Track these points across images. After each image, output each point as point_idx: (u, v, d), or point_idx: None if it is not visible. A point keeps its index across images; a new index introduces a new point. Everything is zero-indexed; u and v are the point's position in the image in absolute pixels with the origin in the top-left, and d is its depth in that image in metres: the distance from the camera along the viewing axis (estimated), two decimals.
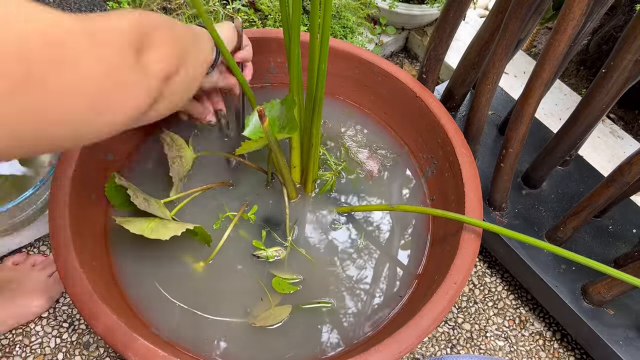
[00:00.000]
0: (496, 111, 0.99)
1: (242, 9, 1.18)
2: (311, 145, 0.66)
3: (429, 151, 0.76)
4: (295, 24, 0.57)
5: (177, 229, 0.59)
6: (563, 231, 0.78)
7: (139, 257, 0.65)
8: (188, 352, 0.59)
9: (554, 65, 0.61)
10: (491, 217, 0.84)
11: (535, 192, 0.88)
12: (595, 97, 0.66)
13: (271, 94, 0.84)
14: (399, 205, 0.73)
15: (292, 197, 0.73)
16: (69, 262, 0.54)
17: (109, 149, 0.69)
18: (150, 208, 0.61)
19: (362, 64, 0.78)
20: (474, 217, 0.63)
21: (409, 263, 0.70)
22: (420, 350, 0.84)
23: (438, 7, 1.15)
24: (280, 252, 0.67)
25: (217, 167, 0.75)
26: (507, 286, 0.92)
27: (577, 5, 0.55)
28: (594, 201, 0.71)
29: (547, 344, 0.86)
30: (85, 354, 0.78)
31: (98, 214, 0.67)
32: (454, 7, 0.75)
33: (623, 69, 0.60)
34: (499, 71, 0.73)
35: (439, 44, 0.81)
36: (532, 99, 0.66)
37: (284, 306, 0.63)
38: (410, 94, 0.75)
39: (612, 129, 1.08)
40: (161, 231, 0.59)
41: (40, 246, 0.87)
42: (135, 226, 0.59)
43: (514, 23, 0.67)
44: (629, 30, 0.57)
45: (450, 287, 0.57)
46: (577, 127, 0.72)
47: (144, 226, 0.59)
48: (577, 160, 0.92)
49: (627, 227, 0.85)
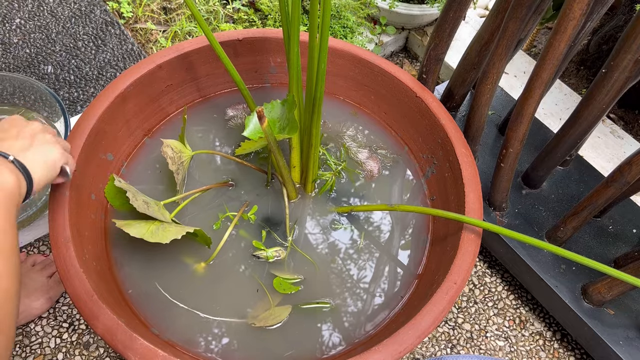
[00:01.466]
0: (496, 111, 0.99)
1: (242, 9, 1.18)
2: (311, 145, 0.66)
3: (429, 151, 0.76)
4: (295, 23, 0.57)
5: (177, 232, 0.59)
6: (563, 231, 0.78)
7: (139, 257, 0.65)
8: (188, 352, 0.59)
9: (554, 65, 0.61)
10: (491, 217, 0.84)
11: (536, 192, 0.88)
12: (596, 97, 0.66)
13: (271, 94, 0.84)
14: (399, 205, 0.73)
15: (292, 197, 0.73)
16: (69, 262, 0.54)
17: (108, 149, 0.69)
18: (149, 210, 0.61)
19: (362, 64, 0.78)
20: (474, 217, 0.63)
21: (409, 263, 0.70)
22: (420, 350, 0.84)
23: (438, 7, 1.15)
24: (280, 252, 0.67)
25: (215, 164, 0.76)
26: (507, 286, 0.92)
27: (577, 5, 0.55)
28: (594, 201, 0.71)
29: (547, 344, 0.86)
30: (85, 354, 0.78)
31: (98, 214, 0.67)
32: (454, 7, 0.75)
33: (623, 68, 0.60)
34: (499, 71, 0.73)
35: (439, 43, 0.81)
36: (532, 98, 0.66)
37: (284, 307, 0.63)
38: (410, 94, 0.75)
39: (612, 129, 1.08)
40: (161, 234, 0.59)
41: (40, 246, 0.87)
42: (135, 229, 0.58)
43: (514, 23, 0.66)
44: (629, 30, 0.57)
45: (450, 287, 0.56)
46: (577, 127, 0.72)
47: (144, 229, 0.59)
48: (577, 160, 0.92)
49: (627, 227, 0.85)
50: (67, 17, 1.15)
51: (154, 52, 1.09)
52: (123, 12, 1.17)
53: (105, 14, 1.17)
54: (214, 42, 0.61)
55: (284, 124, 0.63)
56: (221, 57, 0.64)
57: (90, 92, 1.04)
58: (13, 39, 1.09)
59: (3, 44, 1.08)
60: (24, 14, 1.14)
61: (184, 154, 0.70)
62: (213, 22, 1.16)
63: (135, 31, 1.17)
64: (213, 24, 1.15)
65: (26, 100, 0.87)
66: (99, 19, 1.16)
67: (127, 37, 1.13)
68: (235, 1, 1.19)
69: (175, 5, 1.20)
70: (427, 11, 1.15)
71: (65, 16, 1.15)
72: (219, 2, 1.18)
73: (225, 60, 0.64)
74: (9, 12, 1.14)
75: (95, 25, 1.14)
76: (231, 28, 1.15)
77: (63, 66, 1.07)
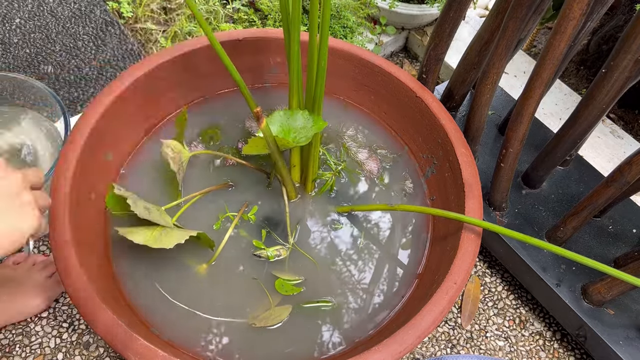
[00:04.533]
0: (496, 111, 0.99)
1: (242, 9, 1.18)
2: (311, 144, 0.66)
3: (429, 151, 0.76)
4: (295, 23, 0.57)
5: (180, 237, 0.59)
6: (563, 231, 0.78)
7: (139, 257, 0.65)
8: (188, 352, 0.59)
9: (554, 65, 0.61)
10: (491, 217, 0.84)
11: (535, 192, 0.88)
12: (596, 97, 0.66)
13: (271, 94, 0.84)
14: (399, 205, 0.73)
15: (292, 197, 0.73)
16: (69, 262, 0.54)
17: (108, 149, 0.69)
18: (151, 216, 0.61)
19: (362, 64, 0.78)
20: (474, 216, 0.63)
21: (409, 263, 0.70)
22: (420, 350, 0.84)
23: (438, 6, 1.15)
24: (281, 251, 0.67)
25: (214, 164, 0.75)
26: (507, 286, 0.92)
27: (577, 5, 0.55)
28: (594, 201, 0.71)
29: (547, 344, 0.86)
30: (85, 354, 0.78)
31: (98, 214, 0.66)
32: (454, 7, 0.75)
33: (623, 68, 0.60)
34: (499, 71, 0.73)
35: (439, 43, 0.81)
36: (532, 98, 0.66)
37: (284, 307, 0.63)
38: (410, 94, 0.75)
39: (612, 128, 1.08)
40: (164, 240, 0.59)
41: (40, 246, 0.87)
42: (138, 236, 0.59)
43: (514, 23, 0.66)
44: (629, 30, 0.57)
45: (450, 287, 0.56)
46: (577, 127, 0.72)
47: (148, 236, 0.59)
48: (577, 160, 0.92)
49: (627, 227, 0.85)
50: (67, 17, 1.15)
51: (154, 52, 1.09)
52: (123, 12, 1.17)
53: (105, 14, 1.16)
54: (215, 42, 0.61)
55: (299, 136, 0.62)
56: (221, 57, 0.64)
57: (90, 92, 1.04)
58: (13, 38, 1.09)
59: (3, 43, 1.08)
60: (23, 13, 1.14)
61: (183, 154, 0.70)
62: (213, 22, 1.16)
63: (135, 31, 1.17)
64: (213, 24, 1.15)
65: (26, 100, 0.87)
66: (99, 18, 1.16)
67: (127, 37, 1.13)
68: (235, 1, 1.19)
69: (175, 5, 1.20)
70: (427, 11, 1.15)
71: (65, 16, 1.15)
72: (218, 2, 1.18)
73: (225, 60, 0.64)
74: (8, 12, 1.14)
75: (95, 25, 1.14)
76: (231, 28, 1.15)
77: (63, 66, 1.07)
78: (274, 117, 0.63)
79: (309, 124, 0.62)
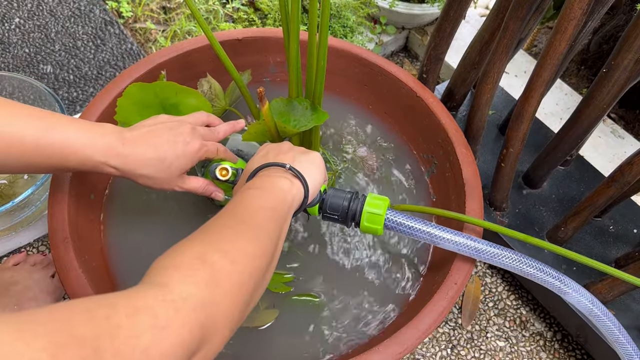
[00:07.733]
0: (497, 111, 0.98)
1: (242, 8, 1.17)
2: (311, 144, 0.66)
3: (429, 151, 0.76)
4: (295, 22, 0.57)
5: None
6: (564, 231, 0.78)
7: (139, 257, 0.65)
8: None
9: (554, 65, 0.61)
10: (492, 217, 0.84)
11: (536, 192, 0.88)
12: (596, 97, 0.65)
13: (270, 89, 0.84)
14: (399, 205, 0.73)
15: None
16: (68, 262, 0.54)
17: None
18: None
19: (362, 64, 0.78)
20: (475, 216, 0.62)
21: (409, 263, 0.70)
22: (420, 351, 0.84)
23: (438, 6, 1.15)
24: None
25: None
26: (507, 286, 0.91)
27: (577, 4, 0.55)
28: (594, 201, 0.71)
29: (548, 345, 0.86)
30: None
31: (97, 214, 0.66)
32: (455, 6, 0.74)
33: (624, 68, 0.60)
34: (500, 71, 0.73)
35: (440, 43, 0.81)
36: (532, 98, 0.66)
37: (270, 310, 0.63)
38: (411, 94, 0.75)
39: (613, 128, 1.08)
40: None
41: (39, 246, 0.87)
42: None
43: (515, 22, 0.66)
44: (630, 30, 0.57)
45: (450, 287, 0.56)
46: (578, 127, 0.72)
47: None
48: (577, 160, 0.92)
49: (627, 227, 0.85)
50: (67, 16, 1.15)
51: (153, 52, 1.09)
52: (122, 12, 1.17)
53: (105, 14, 1.16)
54: (214, 41, 0.61)
55: (300, 123, 0.62)
56: (221, 56, 0.64)
57: (89, 91, 1.04)
58: (12, 38, 1.09)
59: (2, 43, 1.08)
60: (23, 13, 1.14)
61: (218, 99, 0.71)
62: (212, 22, 1.15)
63: (135, 31, 1.17)
64: (212, 24, 1.15)
65: (25, 99, 0.87)
66: (98, 18, 1.16)
67: (127, 36, 1.13)
68: (235, 0, 1.19)
69: (175, 4, 1.20)
70: (427, 10, 1.14)
71: (64, 16, 1.15)
72: (218, 1, 1.18)
73: (225, 59, 0.64)
74: (8, 12, 1.14)
75: (94, 25, 1.14)
76: (231, 27, 1.14)
77: (62, 66, 1.07)
78: (272, 104, 0.63)
79: (309, 113, 0.62)
